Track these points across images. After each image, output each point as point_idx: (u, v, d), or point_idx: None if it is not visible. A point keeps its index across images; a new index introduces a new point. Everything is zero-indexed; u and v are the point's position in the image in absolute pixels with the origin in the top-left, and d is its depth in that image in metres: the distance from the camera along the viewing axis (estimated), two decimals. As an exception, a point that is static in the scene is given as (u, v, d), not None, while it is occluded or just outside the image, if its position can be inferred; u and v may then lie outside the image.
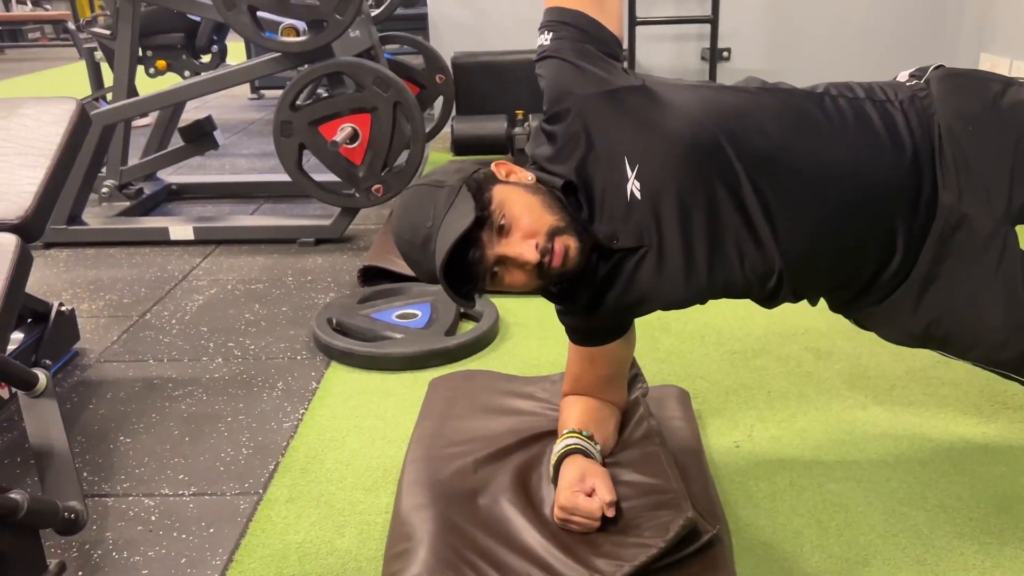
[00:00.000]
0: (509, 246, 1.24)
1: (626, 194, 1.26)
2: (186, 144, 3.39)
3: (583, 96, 1.29)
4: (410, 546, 1.28)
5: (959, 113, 1.28)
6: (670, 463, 1.40)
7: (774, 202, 1.24)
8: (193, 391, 1.94)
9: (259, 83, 5.96)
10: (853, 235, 1.26)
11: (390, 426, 1.75)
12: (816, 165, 1.25)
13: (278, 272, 2.68)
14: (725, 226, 1.25)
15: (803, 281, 1.31)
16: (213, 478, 1.60)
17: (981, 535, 1.34)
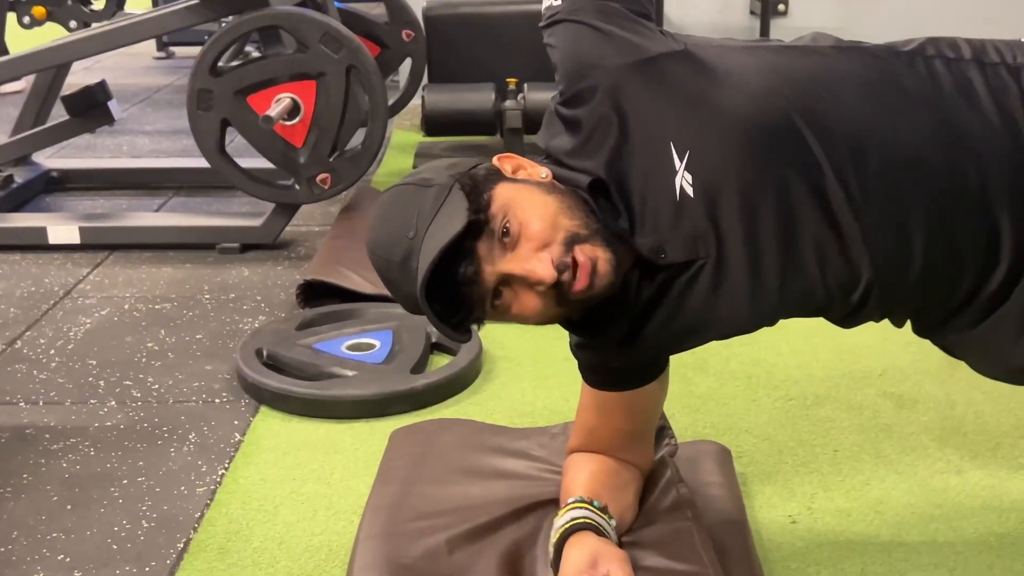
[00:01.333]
0: (515, 261, 1.23)
1: (674, 191, 1.27)
2: (71, 118, 3.40)
3: (612, 69, 1.29)
4: None
5: None
6: (705, 544, 1.41)
7: (861, 195, 1.26)
8: (78, 445, 1.94)
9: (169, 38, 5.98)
10: (950, 236, 1.28)
11: (337, 492, 1.75)
12: (909, 149, 1.27)
13: (191, 288, 2.69)
14: (802, 227, 1.27)
15: (893, 293, 1.33)
16: (104, 559, 1.60)
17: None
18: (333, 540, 1.63)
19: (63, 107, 3.41)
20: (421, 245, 1.21)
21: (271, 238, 2.94)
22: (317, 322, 2.32)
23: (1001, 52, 1.34)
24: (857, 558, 1.54)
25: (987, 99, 1.29)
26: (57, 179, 3.58)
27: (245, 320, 2.48)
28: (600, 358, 1.43)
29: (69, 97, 3.39)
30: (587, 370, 1.46)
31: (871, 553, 1.55)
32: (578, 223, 1.25)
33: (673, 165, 1.27)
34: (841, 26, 4.07)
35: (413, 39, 3.70)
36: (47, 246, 2.96)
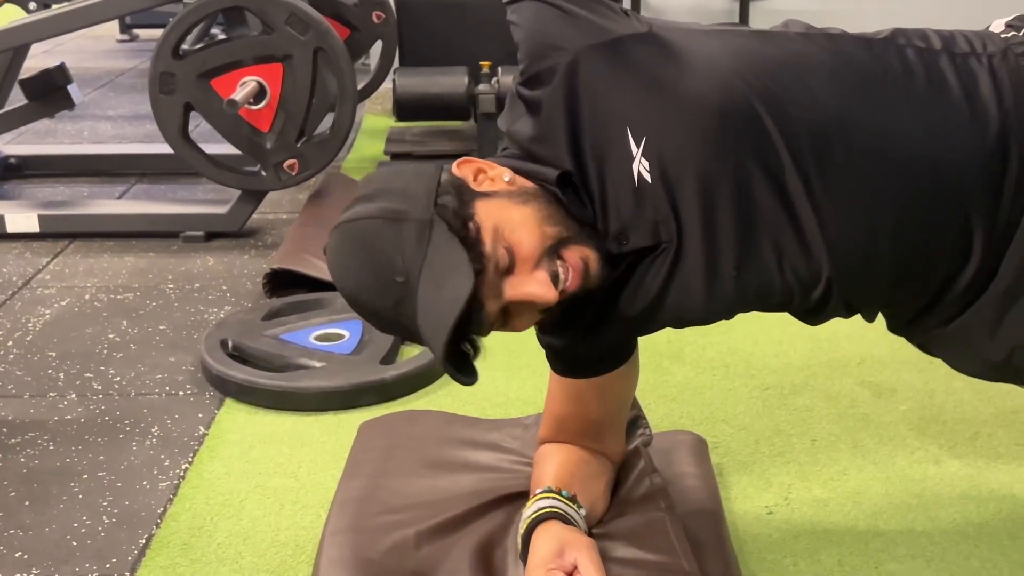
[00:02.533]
0: (517, 288, 1.24)
1: (633, 177, 1.28)
2: (30, 102, 3.37)
3: (573, 49, 1.29)
4: None
5: None
6: (679, 535, 1.42)
7: (822, 188, 1.26)
8: (36, 439, 1.93)
9: (132, 20, 5.94)
10: (919, 232, 1.29)
11: (304, 486, 1.76)
12: (875, 141, 1.28)
13: (154, 277, 2.68)
14: (760, 217, 1.27)
15: (857, 290, 1.34)
16: (62, 556, 1.59)
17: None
18: (300, 535, 1.63)
19: (21, 91, 3.39)
20: (417, 292, 1.20)
21: (237, 226, 2.93)
22: (284, 312, 2.32)
23: (971, 42, 1.34)
24: (834, 548, 1.56)
25: (958, 90, 1.29)
26: (15, 165, 3.55)
27: (210, 310, 2.48)
28: (566, 346, 1.43)
29: (27, 81, 3.37)
30: (554, 359, 1.47)
31: (848, 543, 1.57)
32: (560, 227, 1.26)
33: (630, 150, 1.27)
34: (822, 9, 4.10)
35: (384, 21, 3.69)
36: (5, 235, 2.94)
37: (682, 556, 1.37)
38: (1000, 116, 1.28)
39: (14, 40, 3.08)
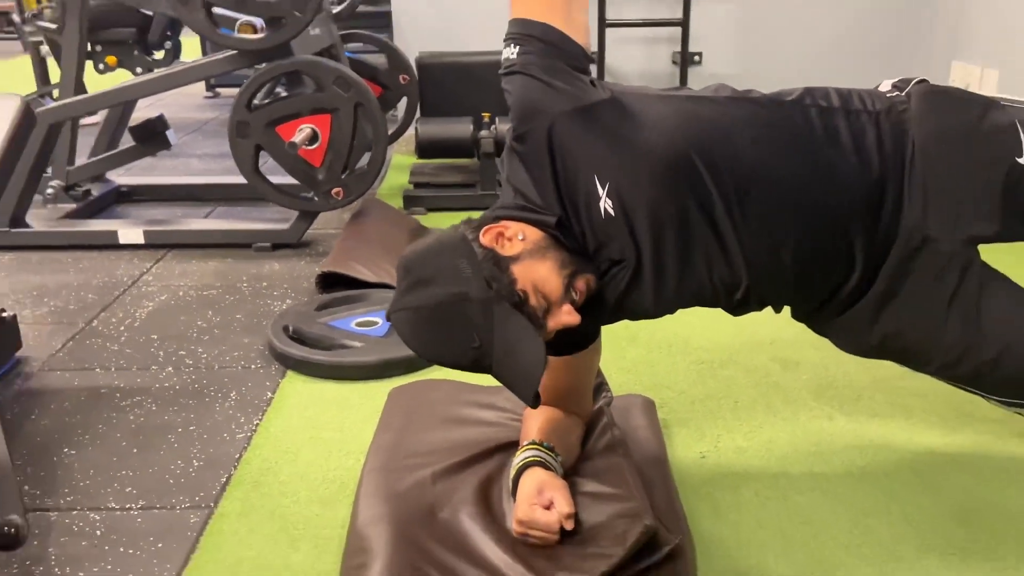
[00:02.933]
0: (558, 321, 1.28)
1: (601, 212, 1.31)
2: (136, 144, 3.37)
3: (553, 114, 1.31)
4: (366, 560, 1.29)
5: (936, 133, 1.33)
6: (633, 474, 1.43)
7: (742, 218, 1.29)
8: (142, 401, 1.93)
9: (215, 81, 5.93)
10: (815, 251, 1.32)
11: (348, 438, 1.75)
12: (782, 183, 1.30)
13: (232, 278, 2.67)
14: (695, 240, 1.30)
15: (768, 292, 1.38)
16: (162, 491, 1.59)
17: (945, 547, 1.39)
18: (344, 475, 1.63)
19: (130, 135, 3.39)
20: (492, 353, 1.24)
21: (296, 239, 2.92)
22: (332, 304, 2.31)
23: (863, 100, 1.37)
24: (752, 484, 1.56)
25: (848, 142, 1.32)
26: (126, 193, 3.55)
27: (275, 303, 2.47)
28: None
29: (135, 128, 3.37)
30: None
31: (763, 480, 1.58)
32: (569, 267, 1.29)
33: (597, 192, 1.30)
34: (743, 73, 4.09)
35: (408, 82, 3.69)
36: (118, 246, 2.94)
37: (635, 490, 1.38)
38: (880, 161, 1.31)
39: (125, 96, 3.08)
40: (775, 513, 1.48)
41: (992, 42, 3.50)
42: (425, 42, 3.90)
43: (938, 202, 1.29)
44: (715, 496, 1.53)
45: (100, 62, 3.83)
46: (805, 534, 1.42)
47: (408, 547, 1.31)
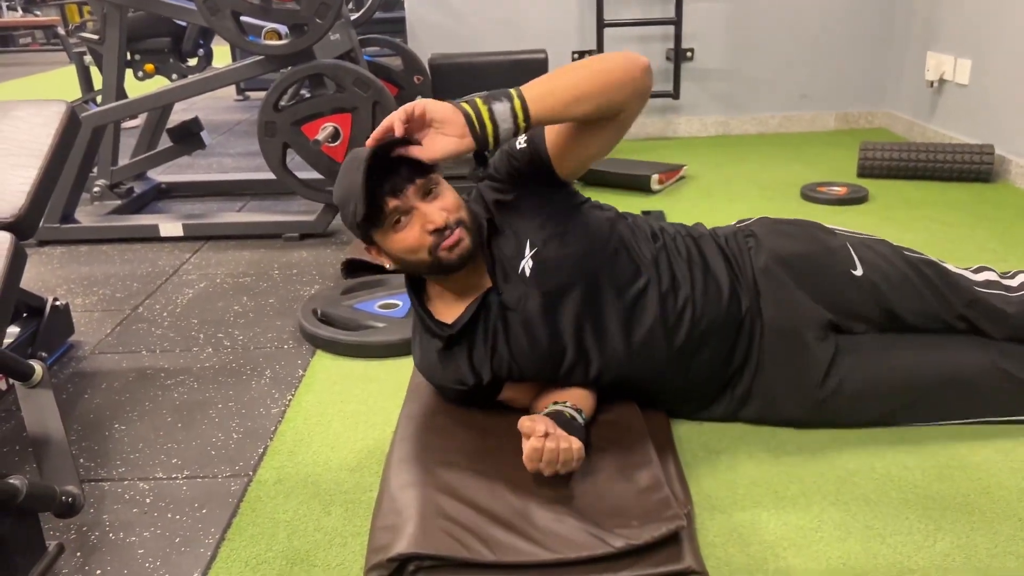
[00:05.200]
0: (427, 206, 1.37)
1: (519, 267, 1.45)
2: (174, 144, 3.37)
3: (517, 194, 1.49)
4: (399, 521, 1.28)
5: (774, 255, 1.57)
6: (647, 443, 1.45)
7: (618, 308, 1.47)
8: (184, 380, 1.93)
9: (244, 85, 5.92)
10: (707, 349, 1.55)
11: (373, 410, 1.76)
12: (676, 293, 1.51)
13: (265, 266, 2.67)
14: (570, 319, 1.46)
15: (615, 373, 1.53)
16: (205, 462, 1.60)
17: (924, 500, 1.38)
18: (370, 444, 1.63)
19: (168, 137, 3.38)
20: (369, 152, 1.32)
21: (322, 229, 2.92)
22: (356, 289, 2.31)
23: (725, 234, 1.62)
24: (746, 447, 1.55)
25: (708, 265, 1.54)
26: (166, 190, 3.55)
27: (304, 288, 2.47)
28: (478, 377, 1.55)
29: (172, 129, 3.37)
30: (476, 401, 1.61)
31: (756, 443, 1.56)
32: (469, 219, 1.42)
33: (525, 252, 1.45)
34: (733, 68, 4.07)
35: (422, 82, 3.67)
36: (159, 238, 2.95)
37: (656, 467, 1.40)
38: (730, 277, 1.54)
39: (163, 101, 3.06)
40: (767, 472, 1.47)
41: (963, 33, 3.45)
42: (437, 44, 3.88)
43: (778, 311, 1.55)
44: (712, 458, 1.52)
45: (139, 70, 3.82)
46: (795, 491, 1.42)
47: (438, 510, 1.30)
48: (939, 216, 2.81)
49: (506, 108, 1.30)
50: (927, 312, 1.56)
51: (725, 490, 1.43)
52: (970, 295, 1.56)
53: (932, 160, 3.19)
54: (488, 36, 3.95)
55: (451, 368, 1.52)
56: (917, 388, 1.53)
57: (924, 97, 3.77)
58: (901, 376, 1.53)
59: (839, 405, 1.54)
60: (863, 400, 1.54)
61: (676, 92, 4.01)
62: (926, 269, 1.58)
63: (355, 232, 1.42)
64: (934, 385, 1.53)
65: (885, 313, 1.57)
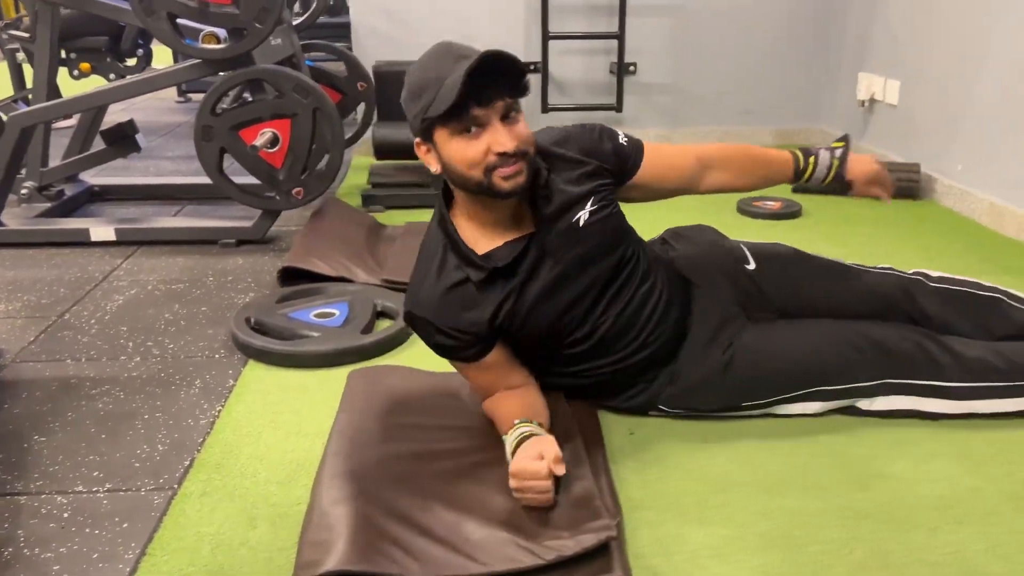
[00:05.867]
0: (503, 127, 1.35)
1: (574, 217, 1.51)
2: (108, 147, 3.28)
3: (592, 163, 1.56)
4: (329, 537, 1.26)
5: (682, 255, 1.73)
6: (582, 457, 1.46)
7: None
8: (110, 390, 1.88)
9: (186, 87, 5.80)
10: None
11: (305, 421, 1.73)
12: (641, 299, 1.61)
13: (199, 272, 2.62)
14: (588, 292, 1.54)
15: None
16: (128, 474, 1.56)
17: (843, 510, 1.41)
18: (301, 456, 1.61)
19: (101, 139, 3.29)
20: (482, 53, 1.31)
21: (259, 235, 2.87)
22: (292, 297, 2.28)
23: (659, 256, 1.72)
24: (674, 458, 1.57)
25: (649, 279, 1.62)
26: (98, 192, 3.45)
27: (239, 296, 2.43)
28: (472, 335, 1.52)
29: (106, 131, 3.28)
30: (463, 351, 1.54)
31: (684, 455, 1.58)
32: (532, 156, 1.42)
33: (586, 205, 1.53)
34: (674, 83, 4.13)
35: (366, 89, 3.65)
36: (90, 243, 2.86)
37: (591, 479, 1.42)
38: (661, 284, 1.63)
39: (96, 102, 2.99)
40: (695, 482, 1.49)
41: (893, 56, 3.57)
42: (382, 52, 3.85)
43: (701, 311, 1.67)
44: (642, 468, 1.54)
45: (75, 68, 3.71)
46: (721, 501, 1.44)
47: (369, 527, 1.28)
48: (868, 231, 2.89)
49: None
50: (831, 289, 1.70)
51: (653, 500, 1.45)
52: (863, 276, 1.74)
53: (862, 177, 3.28)
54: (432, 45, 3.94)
55: (472, 308, 1.48)
56: (806, 361, 1.63)
57: (856, 116, 3.89)
58: (800, 347, 1.63)
59: (742, 373, 1.61)
60: (763, 366, 1.62)
61: (619, 105, 4.05)
62: (824, 261, 1.77)
63: (415, 124, 1.40)
64: (818, 360, 1.63)
65: (789, 298, 1.70)
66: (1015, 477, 1.50)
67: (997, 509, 1.41)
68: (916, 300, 1.69)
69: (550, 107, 4.04)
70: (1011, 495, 1.45)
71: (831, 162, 1.73)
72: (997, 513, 1.40)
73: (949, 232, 2.89)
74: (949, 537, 1.34)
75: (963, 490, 1.46)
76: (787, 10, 4.05)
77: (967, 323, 1.68)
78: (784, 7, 4.05)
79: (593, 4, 3.98)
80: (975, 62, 3.01)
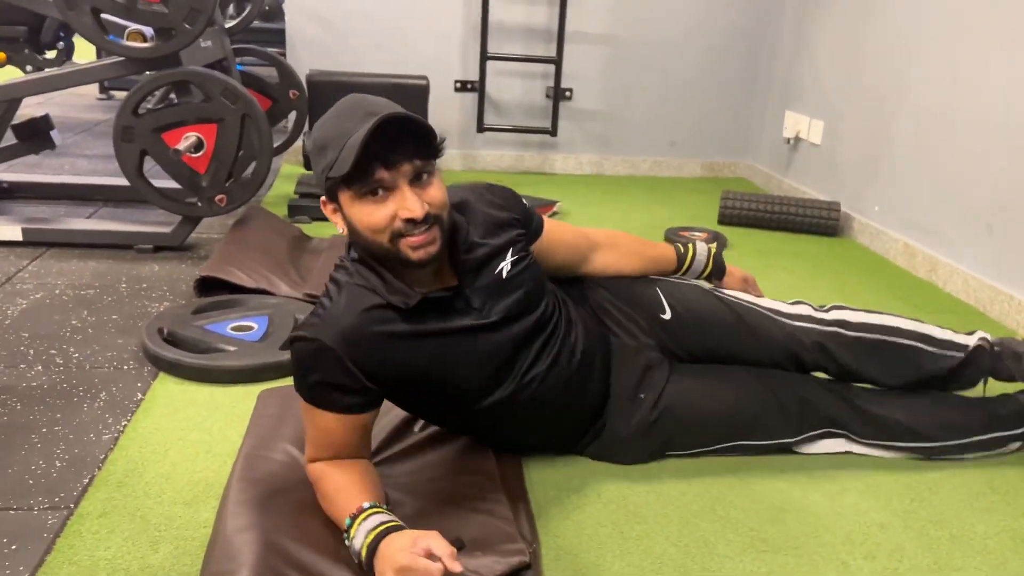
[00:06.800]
0: (412, 192, 1.27)
1: (497, 268, 1.46)
2: (20, 142, 3.13)
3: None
4: (232, 567, 1.21)
5: (600, 298, 1.72)
6: (497, 485, 1.44)
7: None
8: (7, 400, 1.77)
9: (109, 84, 5.59)
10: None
11: (216, 439, 1.66)
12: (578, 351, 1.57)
13: (111, 278, 2.51)
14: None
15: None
16: (20, 492, 1.47)
17: (758, 543, 1.43)
18: (210, 476, 1.54)
19: (12, 133, 3.14)
20: (389, 114, 1.23)
21: (178, 242, 2.77)
22: (209, 308, 2.20)
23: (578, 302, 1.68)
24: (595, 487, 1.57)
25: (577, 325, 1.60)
26: (7, 189, 3.27)
27: (153, 305, 2.33)
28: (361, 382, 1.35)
29: (18, 126, 3.12)
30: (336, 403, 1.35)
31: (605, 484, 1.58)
32: (446, 222, 1.34)
33: (506, 256, 1.49)
34: (607, 110, 4.19)
35: (298, 97, 3.58)
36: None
37: (506, 507, 1.40)
38: (584, 336, 1.60)
39: (11, 94, 2.84)
40: (614, 513, 1.49)
41: (818, 96, 3.70)
42: (316, 61, 3.79)
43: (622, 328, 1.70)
44: (562, 498, 1.53)
45: (-12, 58, 3.54)
46: (640, 532, 1.44)
47: (274, 555, 1.24)
48: (788, 265, 2.98)
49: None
50: (748, 345, 1.70)
51: (572, 530, 1.44)
52: (781, 329, 1.70)
53: (785, 212, 3.38)
54: (370, 57, 3.91)
55: (389, 346, 1.33)
56: (731, 418, 1.65)
57: (782, 152, 4.01)
58: (726, 403, 1.65)
59: (668, 430, 1.62)
60: (689, 423, 1.63)
61: (554, 130, 4.09)
62: (743, 311, 1.72)
63: (320, 181, 1.29)
64: (738, 415, 1.66)
65: (703, 349, 1.71)
66: (919, 515, 1.54)
67: (903, 545, 1.45)
68: (833, 355, 1.68)
69: (485, 127, 4.04)
70: (916, 532, 1.49)
71: (708, 251, 1.82)
72: (903, 549, 1.44)
73: (865, 270, 2.99)
74: (859, 573, 1.37)
75: (872, 526, 1.50)
76: (718, 46, 4.17)
77: (880, 372, 1.70)
78: (715, 43, 4.16)
79: (532, 28, 4.01)
80: (893, 107, 3.14)
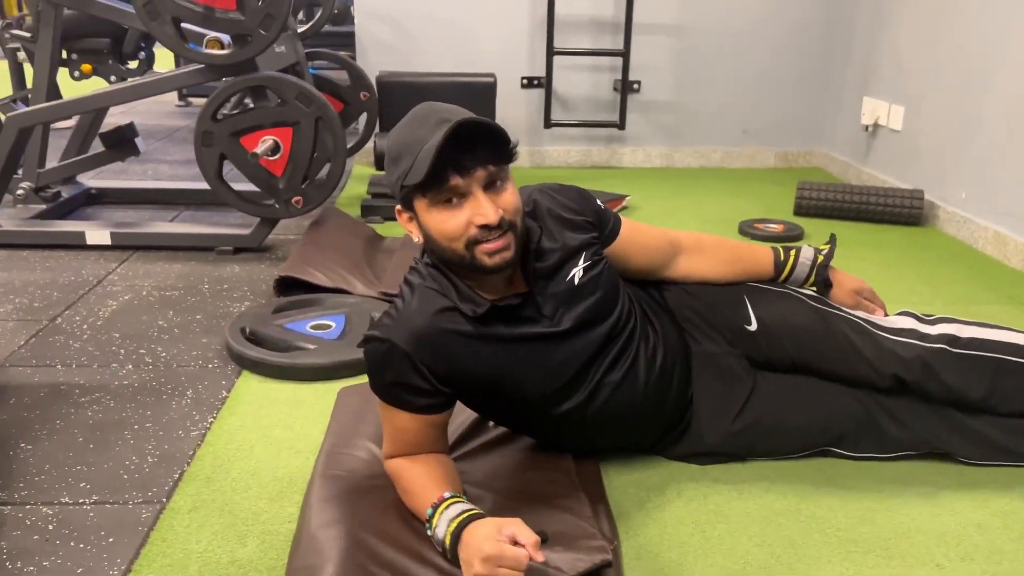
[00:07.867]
0: (486, 197, 1.25)
1: (569, 274, 1.43)
2: (106, 150, 3.26)
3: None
4: (317, 562, 1.23)
5: (684, 305, 1.65)
6: (575, 485, 1.43)
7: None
8: (100, 398, 1.85)
9: (187, 91, 5.78)
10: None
11: (298, 436, 1.70)
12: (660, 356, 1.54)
13: (194, 280, 2.59)
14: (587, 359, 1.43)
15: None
16: (116, 486, 1.52)
17: (847, 544, 1.39)
18: (293, 472, 1.57)
19: (100, 141, 3.27)
20: (463, 119, 1.21)
21: (257, 243, 2.84)
22: (289, 308, 2.25)
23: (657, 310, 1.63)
24: (675, 486, 1.55)
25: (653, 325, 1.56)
26: (96, 195, 3.42)
27: (234, 305, 2.40)
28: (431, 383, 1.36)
29: (105, 134, 3.25)
30: (416, 398, 1.36)
31: (684, 482, 1.56)
32: (520, 228, 1.32)
33: (578, 262, 1.45)
34: (677, 101, 4.13)
35: (368, 98, 3.63)
36: (85, 246, 2.83)
37: (585, 505, 1.38)
38: (663, 344, 1.55)
39: (96, 104, 2.97)
40: (695, 512, 1.46)
41: (898, 81, 3.57)
42: (386, 62, 3.84)
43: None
44: (642, 496, 1.51)
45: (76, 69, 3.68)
46: (722, 531, 1.41)
47: (359, 551, 1.25)
48: (870, 256, 2.88)
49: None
50: (844, 366, 1.58)
51: (653, 529, 1.42)
52: (879, 345, 1.56)
53: (865, 202, 3.27)
54: (437, 57, 3.94)
55: (461, 350, 1.34)
56: (820, 432, 1.60)
57: (860, 140, 3.88)
58: (817, 418, 1.59)
59: (753, 440, 1.59)
60: (778, 434, 1.59)
61: (622, 123, 4.04)
62: (842, 326, 1.59)
63: (395, 190, 1.29)
64: (821, 431, 1.60)
65: (793, 365, 1.60)
66: (1020, 515, 1.47)
67: (1002, 548, 1.39)
68: (938, 375, 1.53)
69: (553, 122, 4.03)
70: (1018, 533, 1.42)
71: (815, 257, 1.65)
72: (1002, 552, 1.38)
73: (952, 260, 2.87)
74: (955, 575, 1.31)
75: (969, 526, 1.44)
76: (790, 32, 4.06)
77: (993, 397, 1.54)
78: (787, 29, 4.05)
79: (599, 21, 3.97)
80: (980, 89, 3.00)
